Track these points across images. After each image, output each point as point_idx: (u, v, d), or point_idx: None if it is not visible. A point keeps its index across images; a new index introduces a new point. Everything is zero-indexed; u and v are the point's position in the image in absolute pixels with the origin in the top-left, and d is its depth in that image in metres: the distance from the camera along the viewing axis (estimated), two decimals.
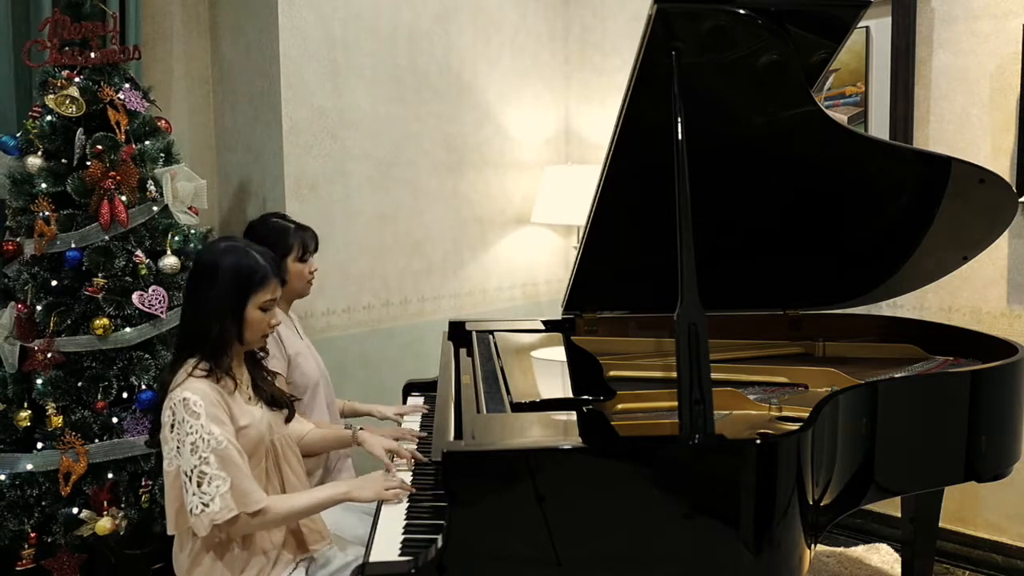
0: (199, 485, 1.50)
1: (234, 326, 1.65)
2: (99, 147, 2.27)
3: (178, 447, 1.54)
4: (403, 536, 1.52)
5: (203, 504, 1.50)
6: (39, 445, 2.20)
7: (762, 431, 1.59)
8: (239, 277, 1.65)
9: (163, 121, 2.52)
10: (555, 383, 1.98)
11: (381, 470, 1.78)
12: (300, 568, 1.69)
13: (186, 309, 1.72)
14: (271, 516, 1.57)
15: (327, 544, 1.74)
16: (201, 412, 1.54)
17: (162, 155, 2.43)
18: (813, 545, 1.55)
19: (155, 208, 2.36)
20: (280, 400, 1.78)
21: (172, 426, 1.56)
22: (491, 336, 2.37)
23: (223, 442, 1.54)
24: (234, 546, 1.62)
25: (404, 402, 2.48)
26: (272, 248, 2.08)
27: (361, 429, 1.94)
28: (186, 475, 1.52)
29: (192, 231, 2.46)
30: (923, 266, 2.31)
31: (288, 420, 1.81)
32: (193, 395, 1.55)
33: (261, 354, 1.81)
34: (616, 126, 1.85)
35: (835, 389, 1.75)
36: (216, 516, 1.50)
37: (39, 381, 2.21)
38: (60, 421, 2.18)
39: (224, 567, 1.61)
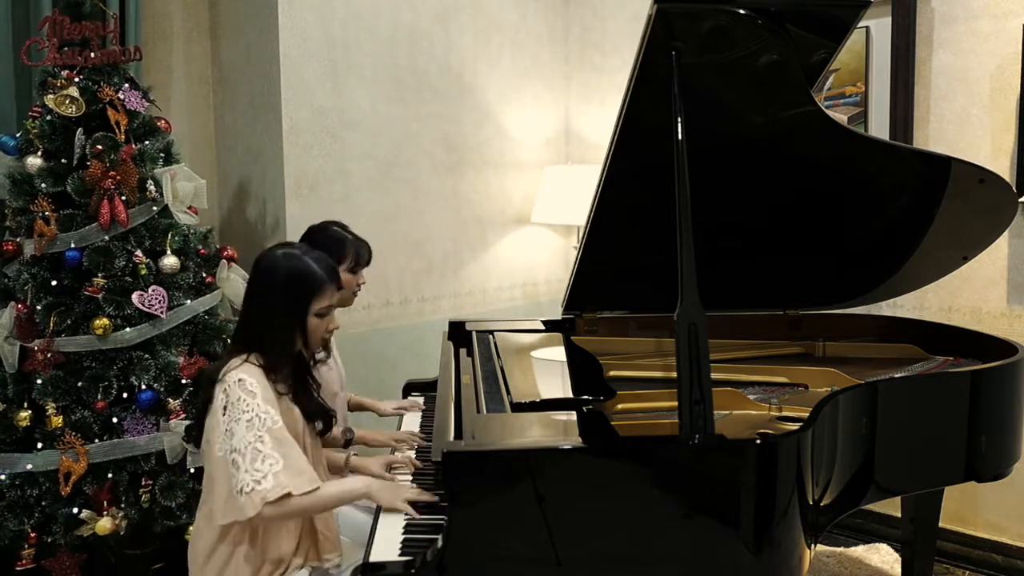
0: (252, 462, 1.49)
1: (300, 336, 1.67)
2: (99, 147, 2.27)
3: (230, 428, 1.53)
4: (403, 536, 1.52)
5: (255, 481, 1.48)
6: (39, 445, 2.20)
7: (762, 431, 1.59)
8: (296, 285, 1.65)
9: (163, 121, 2.52)
10: (555, 383, 1.98)
11: (409, 482, 1.79)
12: (304, 570, 1.69)
13: (246, 314, 1.71)
14: (319, 499, 1.55)
15: (338, 556, 1.74)
16: (257, 392, 1.55)
17: (162, 155, 2.43)
18: (813, 545, 1.55)
19: (155, 208, 2.36)
20: (317, 413, 1.77)
21: (225, 408, 1.55)
22: (491, 336, 2.37)
23: (278, 422, 1.54)
24: (252, 544, 1.62)
25: None
26: (327, 255, 2.10)
27: (355, 455, 1.96)
28: (238, 452, 1.50)
29: (192, 231, 2.46)
30: (923, 266, 2.31)
31: (321, 434, 1.80)
32: (249, 377, 1.57)
33: (321, 355, 1.80)
34: (616, 126, 1.85)
35: (835, 389, 1.75)
36: (268, 494, 1.47)
37: (39, 381, 2.20)
38: (60, 421, 2.18)
39: (239, 563, 1.61)
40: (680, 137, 1.59)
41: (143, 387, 2.25)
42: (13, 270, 2.31)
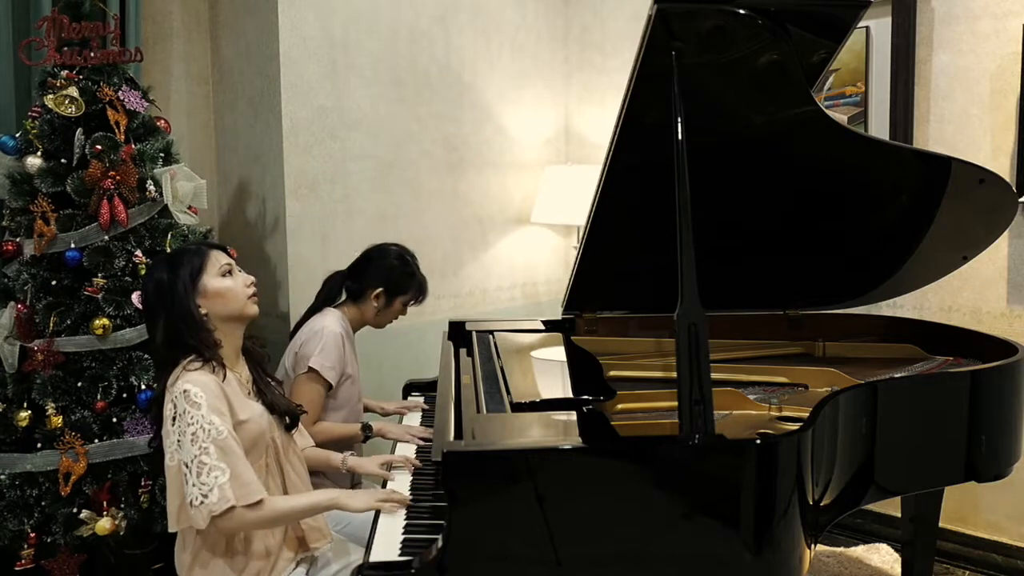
0: (198, 475, 1.50)
1: (197, 312, 1.65)
2: (98, 147, 2.26)
3: (179, 439, 1.54)
4: (403, 536, 1.52)
5: (202, 495, 1.49)
6: (39, 445, 2.20)
7: (762, 431, 1.59)
8: (175, 273, 1.66)
9: (162, 121, 2.51)
10: (555, 383, 1.98)
11: (373, 487, 1.79)
12: (301, 568, 1.69)
13: (155, 334, 1.69)
14: (267, 512, 1.56)
15: (327, 543, 1.74)
16: (202, 403, 1.54)
17: (161, 155, 2.43)
18: (813, 545, 1.55)
19: (155, 208, 2.36)
20: (280, 407, 1.77)
21: (174, 419, 1.56)
22: (491, 336, 2.37)
23: (223, 432, 1.54)
24: (236, 545, 1.62)
25: None
26: (391, 281, 2.23)
27: (352, 454, 1.97)
28: (186, 466, 1.52)
29: (192, 231, 2.46)
30: (923, 266, 2.31)
31: (288, 429, 1.80)
32: (194, 386, 1.56)
33: (262, 351, 1.82)
34: (616, 126, 1.85)
35: (835, 389, 1.75)
36: (214, 507, 1.49)
37: (39, 381, 2.20)
38: (60, 421, 2.18)
39: (225, 566, 1.61)
40: (680, 137, 1.59)
41: (143, 387, 2.25)
42: (13, 270, 2.31)
